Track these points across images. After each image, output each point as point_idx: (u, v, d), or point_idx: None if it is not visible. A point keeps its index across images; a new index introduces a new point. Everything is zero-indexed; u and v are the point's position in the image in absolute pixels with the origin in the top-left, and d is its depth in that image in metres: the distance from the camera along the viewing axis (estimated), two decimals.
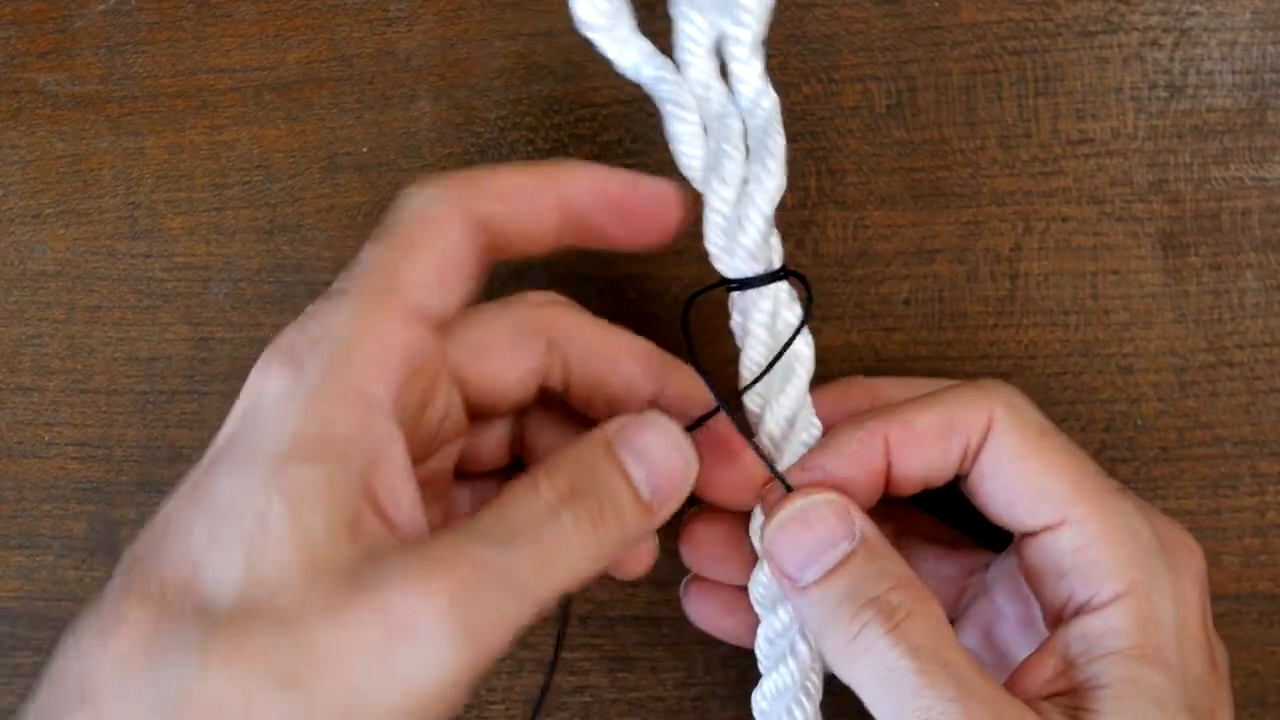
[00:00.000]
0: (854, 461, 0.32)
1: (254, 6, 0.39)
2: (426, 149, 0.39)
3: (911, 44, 0.38)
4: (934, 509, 0.37)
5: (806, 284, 0.33)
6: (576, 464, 0.29)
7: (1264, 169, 0.37)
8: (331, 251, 0.39)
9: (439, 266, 0.30)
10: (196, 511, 0.27)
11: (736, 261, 0.33)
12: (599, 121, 0.38)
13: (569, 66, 0.38)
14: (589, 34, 0.33)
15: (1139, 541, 0.31)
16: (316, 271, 0.39)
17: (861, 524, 0.31)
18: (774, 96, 0.33)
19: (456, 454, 0.33)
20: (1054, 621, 0.32)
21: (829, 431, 0.33)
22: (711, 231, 0.33)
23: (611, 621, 0.39)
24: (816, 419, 0.33)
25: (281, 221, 0.39)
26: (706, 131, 0.33)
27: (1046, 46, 0.37)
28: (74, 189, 0.40)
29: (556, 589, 0.28)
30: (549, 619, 0.31)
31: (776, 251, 0.33)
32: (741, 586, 0.34)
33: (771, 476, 0.32)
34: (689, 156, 0.33)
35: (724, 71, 0.33)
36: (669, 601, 0.38)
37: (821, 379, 0.34)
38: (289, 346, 0.28)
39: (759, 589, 0.33)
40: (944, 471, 0.32)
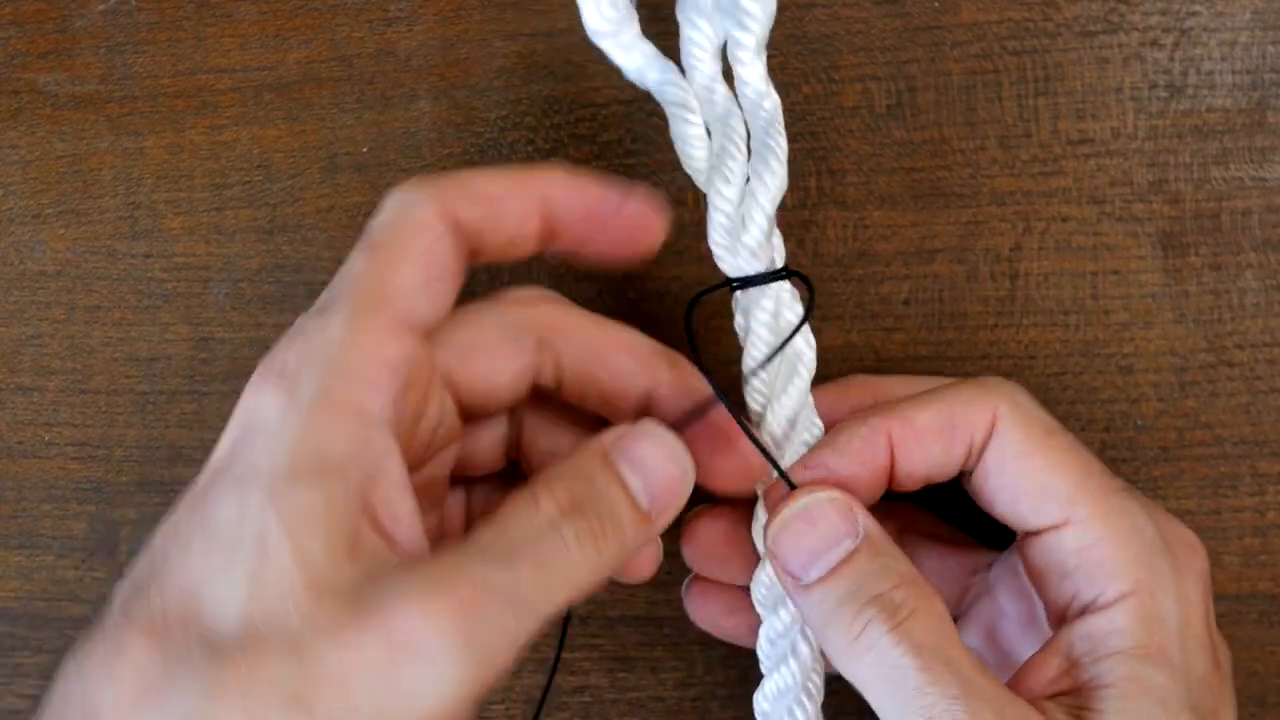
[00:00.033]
0: (857, 459, 0.32)
1: (254, 6, 0.39)
2: (426, 149, 0.39)
3: (911, 44, 0.38)
4: (937, 506, 0.37)
5: (809, 284, 0.33)
6: (575, 476, 0.29)
7: (1264, 169, 0.37)
8: (331, 251, 0.39)
9: (426, 274, 0.29)
10: (195, 535, 0.27)
11: (739, 260, 0.33)
12: (599, 121, 0.38)
13: (569, 66, 0.38)
14: (597, 41, 0.33)
15: (1143, 541, 0.31)
16: (316, 271, 0.39)
17: (865, 522, 0.31)
18: (776, 97, 0.33)
19: (452, 460, 0.33)
20: (1058, 621, 0.32)
21: (831, 428, 0.33)
22: (715, 231, 0.33)
23: (611, 621, 0.39)
24: (818, 418, 0.33)
25: (281, 221, 0.39)
26: (709, 132, 0.34)
27: (1046, 46, 0.38)
28: (74, 189, 0.40)
29: (559, 603, 0.28)
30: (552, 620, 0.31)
31: (779, 251, 0.33)
32: (743, 587, 0.34)
33: (772, 473, 0.32)
34: (693, 158, 0.34)
35: (726, 73, 0.34)
36: (669, 601, 0.38)
37: (822, 379, 0.34)
38: (282, 364, 0.28)
39: (761, 589, 0.33)
40: (947, 468, 0.32)
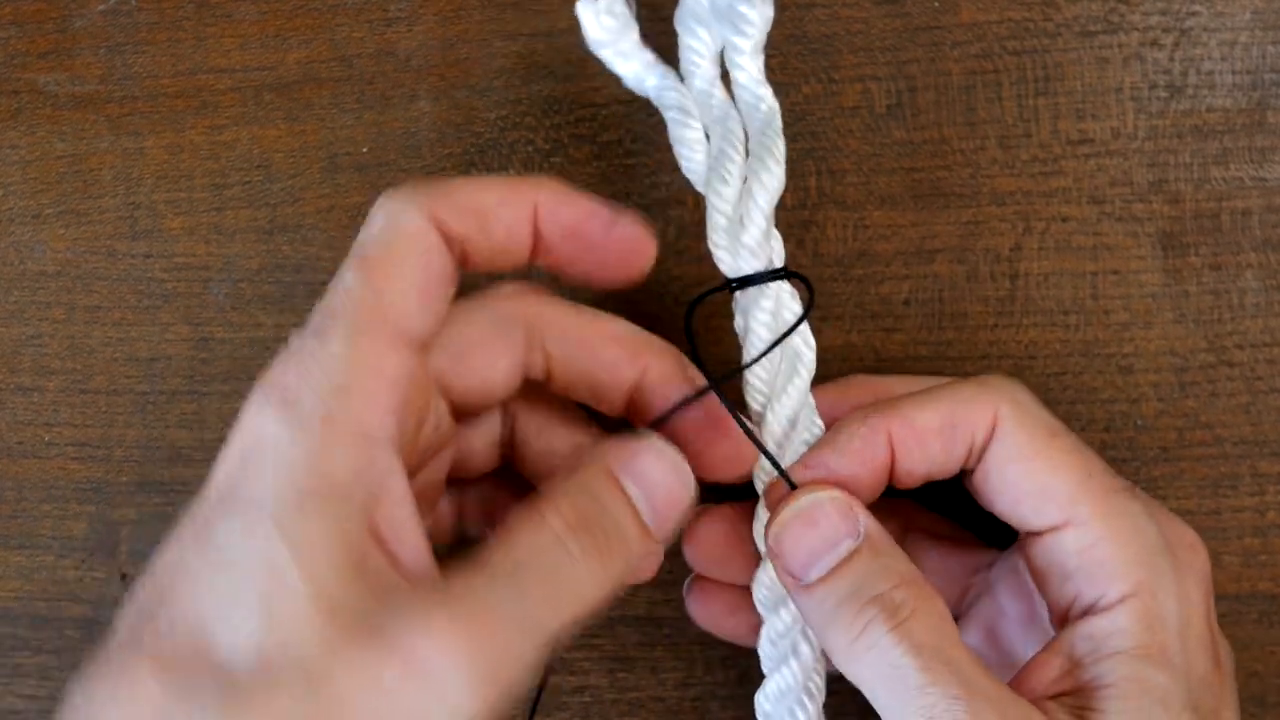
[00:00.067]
0: (857, 459, 0.32)
1: (254, 6, 0.39)
2: (426, 149, 0.39)
3: (911, 44, 0.38)
4: (938, 504, 0.37)
5: (809, 285, 0.33)
6: (580, 493, 0.29)
7: (1264, 169, 0.37)
8: (331, 251, 0.39)
9: (421, 288, 0.29)
10: (203, 563, 0.27)
11: (738, 261, 0.33)
12: (599, 121, 0.38)
13: (569, 66, 0.38)
14: (596, 50, 0.34)
15: (1144, 542, 0.31)
16: (316, 271, 0.39)
17: (865, 521, 0.31)
18: (773, 98, 0.33)
19: (448, 464, 0.33)
20: (1060, 621, 0.32)
21: (832, 426, 0.33)
22: (713, 231, 0.33)
23: (611, 621, 0.39)
24: (819, 419, 0.33)
25: (281, 221, 0.39)
26: (708, 134, 0.34)
27: (1046, 46, 0.38)
28: (74, 189, 0.40)
29: (568, 621, 0.28)
30: None
31: (777, 252, 0.33)
32: (744, 586, 0.34)
33: (770, 470, 0.32)
34: (692, 161, 0.34)
35: (724, 75, 0.34)
36: (669, 601, 0.38)
37: (822, 379, 0.34)
38: (282, 386, 0.27)
39: (762, 589, 0.33)
40: (947, 468, 0.32)
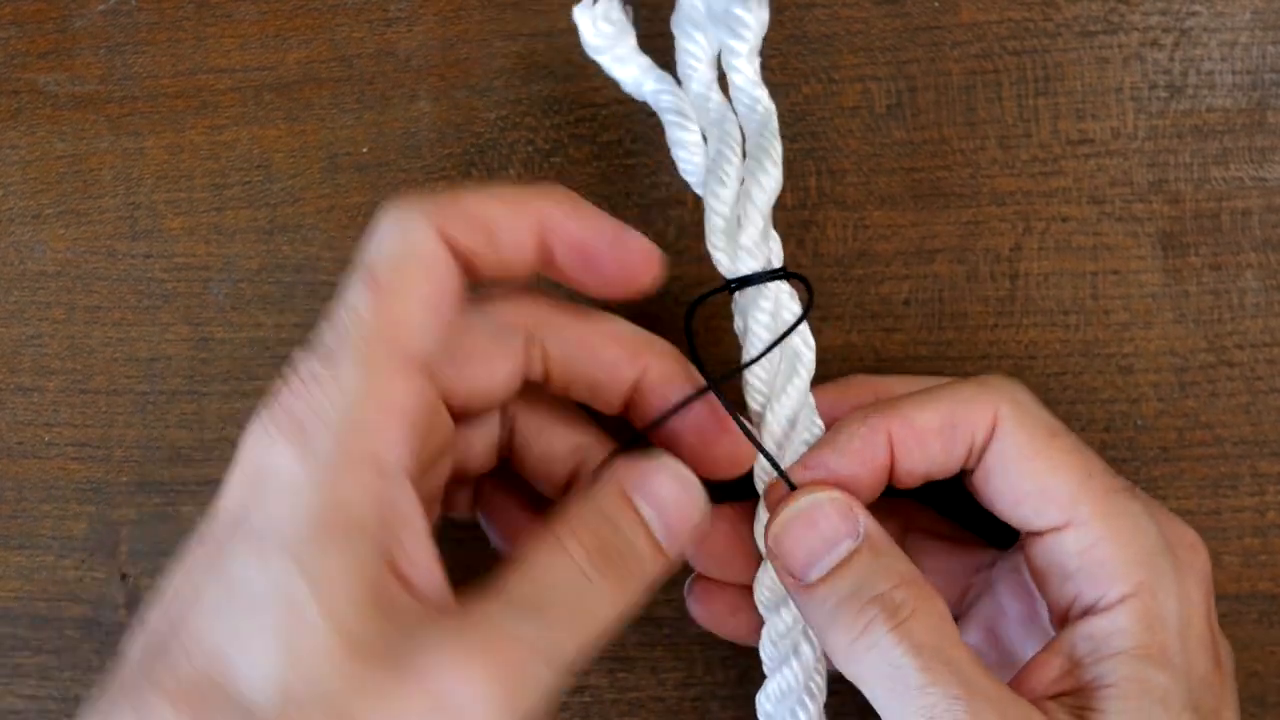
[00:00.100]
0: (857, 459, 0.32)
1: (254, 6, 0.39)
2: (426, 149, 0.39)
3: (911, 44, 0.38)
4: (939, 503, 0.37)
5: (809, 285, 0.33)
6: (598, 518, 0.29)
7: (1264, 169, 0.37)
8: (331, 251, 0.39)
9: (434, 311, 0.29)
10: (218, 596, 0.26)
11: (736, 262, 0.33)
12: (599, 121, 0.38)
13: (569, 66, 0.38)
14: (594, 55, 0.34)
15: (1144, 542, 0.31)
16: (316, 271, 0.39)
17: (865, 522, 0.31)
18: (769, 100, 0.34)
19: (448, 470, 0.33)
20: (1060, 621, 0.32)
21: (831, 426, 0.33)
22: (711, 233, 0.33)
23: None
24: (819, 419, 0.33)
25: (281, 221, 0.39)
26: (705, 137, 0.34)
27: (1046, 46, 0.38)
28: (74, 189, 0.40)
29: (587, 647, 0.28)
30: None
31: (776, 252, 0.34)
32: (746, 586, 0.34)
33: (770, 471, 0.32)
34: (689, 162, 0.34)
35: (721, 78, 0.34)
36: (669, 601, 0.38)
37: (822, 379, 0.34)
38: (293, 415, 0.27)
39: (763, 589, 0.33)
40: (947, 468, 0.32)
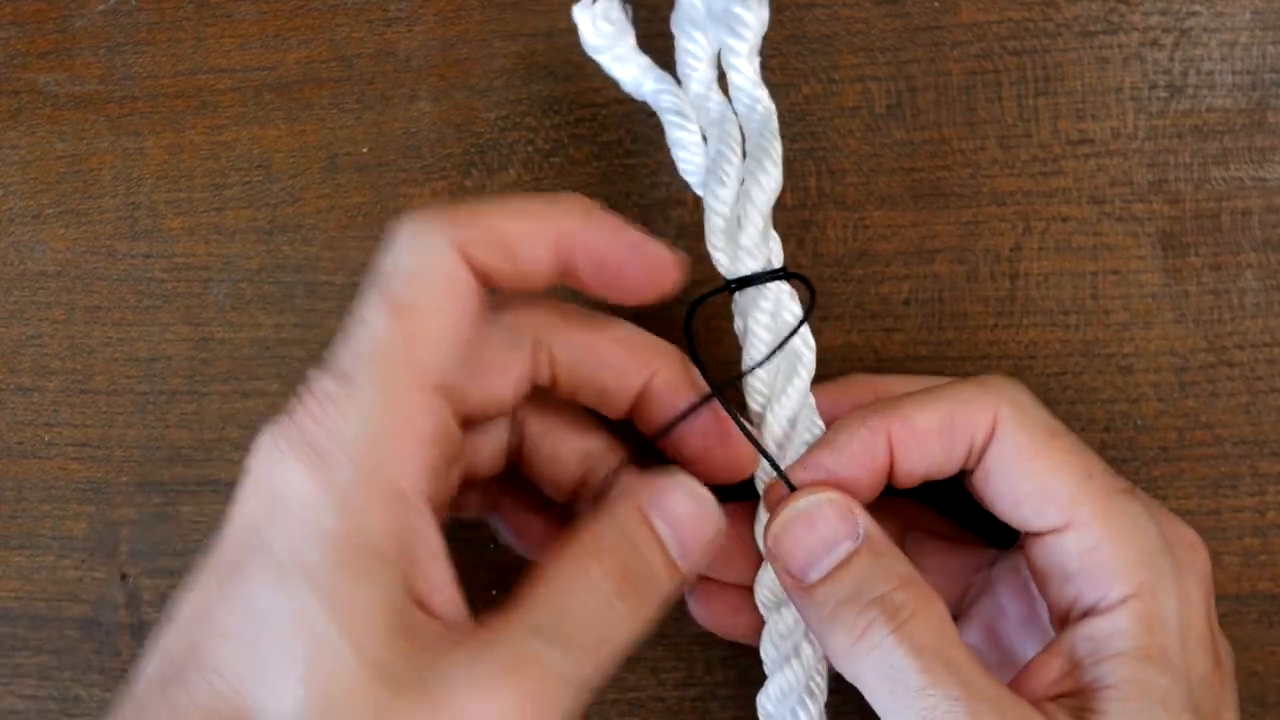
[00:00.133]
0: (856, 460, 0.32)
1: (254, 6, 0.39)
2: (426, 149, 0.39)
3: (911, 44, 0.38)
4: (938, 503, 0.37)
5: (810, 285, 0.33)
6: (619, 540, 0.29)
7: (1264, 169, 0.37)
8: (331, 251, 0.39)
9: (456, 334, 0.29)
10: (238, 622, 0.26)
11: (736, 262, 0.33)
12: (599, 121, 0.38)
13: (569, 66, 0.38)
14: (593, 55, 0.34)
15: (1144, 543, 0.31)
16: (316, 271, 0.39)
17: (864, 523, 0.31)
18: (769, 100, 0.34)
19: (458, 479, 0.33)
20: (1060, 622, 0.32)
21: (831, 425, 0.33)
22: (711, 233, 0.33)
23: None
24: (819, 419, 0.33)
25: (281, 221, 0.39)
26: (705, 137, 0.34)
27: (1046, 46, 0.38)
28: (74, 189, 0.40)
29: (608, 670, 0.28)
30: None
31: (776, 253, 0.34)
32: (747, 587, 0.34)
33: (770, 471, 0.32)
34: (689, 162, 0.34)
35: (721, 77, 0.34)
36: None
37: (822, 379, 0.34)
38: (311, 440, 0.27)
39: (764, 590, 0.33)
40: (947, 468, 0.32)
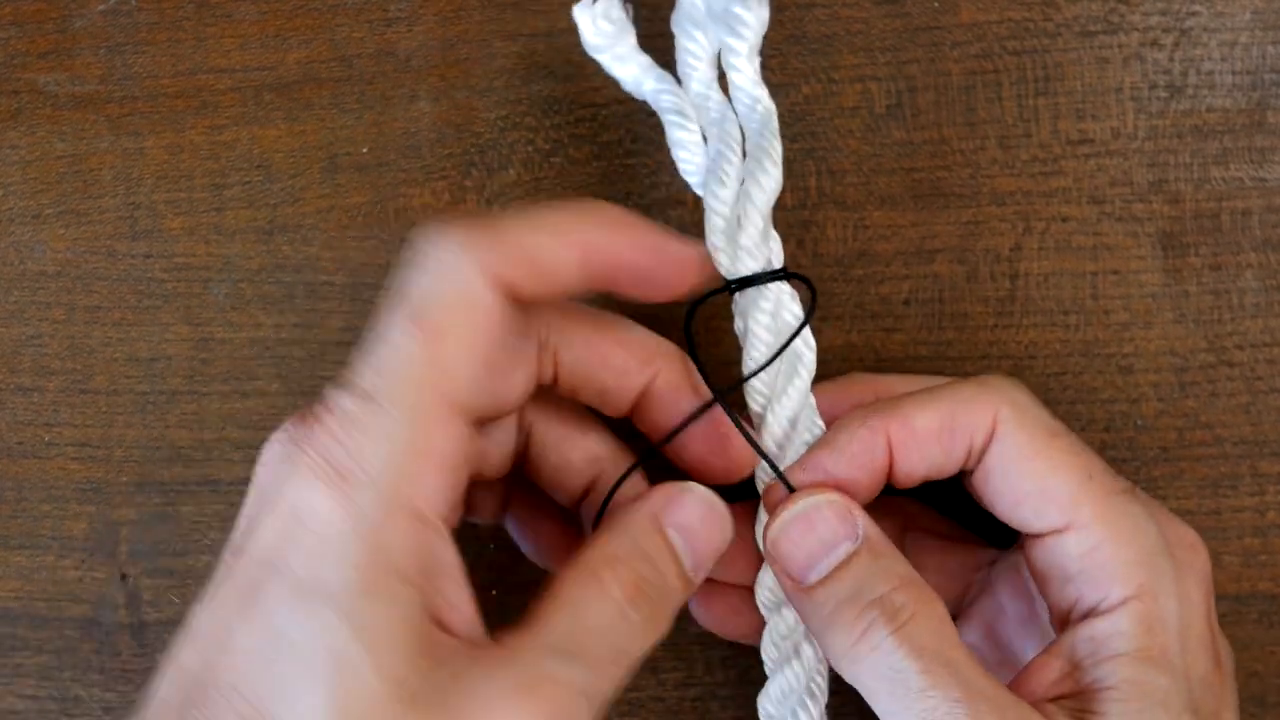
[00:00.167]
0: (855, 462, 0.32)
1: (254, 6, 0.39)
2: (426, 149, 0.39)
3: (911, 44, 0.38)
4: (938, 502, 0.37)
5: (811, 285, 0.33)
6: (636, 555, 0.30)
7: (1264, 169, 0.37)
8: (331, 251, 0.39)
9: (479, 355, 0.28)
10: (259, 642, 0.26)
11: (736, 262, 0.33)
12: (599, 121, 0.38)
13: (569, 66, 0.38)
14: (594, 54, 0.34)
15: (1145, 544, 0.31)
16: (316, 271, 0.39)
17: (864, 524, 0.31)
18: (769, 100, 0.34)
19: (465, 482, 0.33)
20: (1061, 623, 0.32)
21: (831, 426, 0.33)
22: (711, 233, 0.33)
23: None
24: (820, 419, 0.33)
25: (281, 221, 0.39)
26: (705, 137, 0.34)
27: (1046, 46, 0.38)
28: (74, 189, 0.40)
29: (623, 683, 0.29)
30: None
31: (776, 253, 0.33)
32: (748, 587, 0.34)
33: (769, 474, 0.32)
34: (689, 162, 0.34)
35: (720, 78, 0.34)
36: None
37: (822, 379, 0.34)
38: (334, 462, 0.27)
39: (764, 591, 0.33)
40: (946, 469, 0.32)
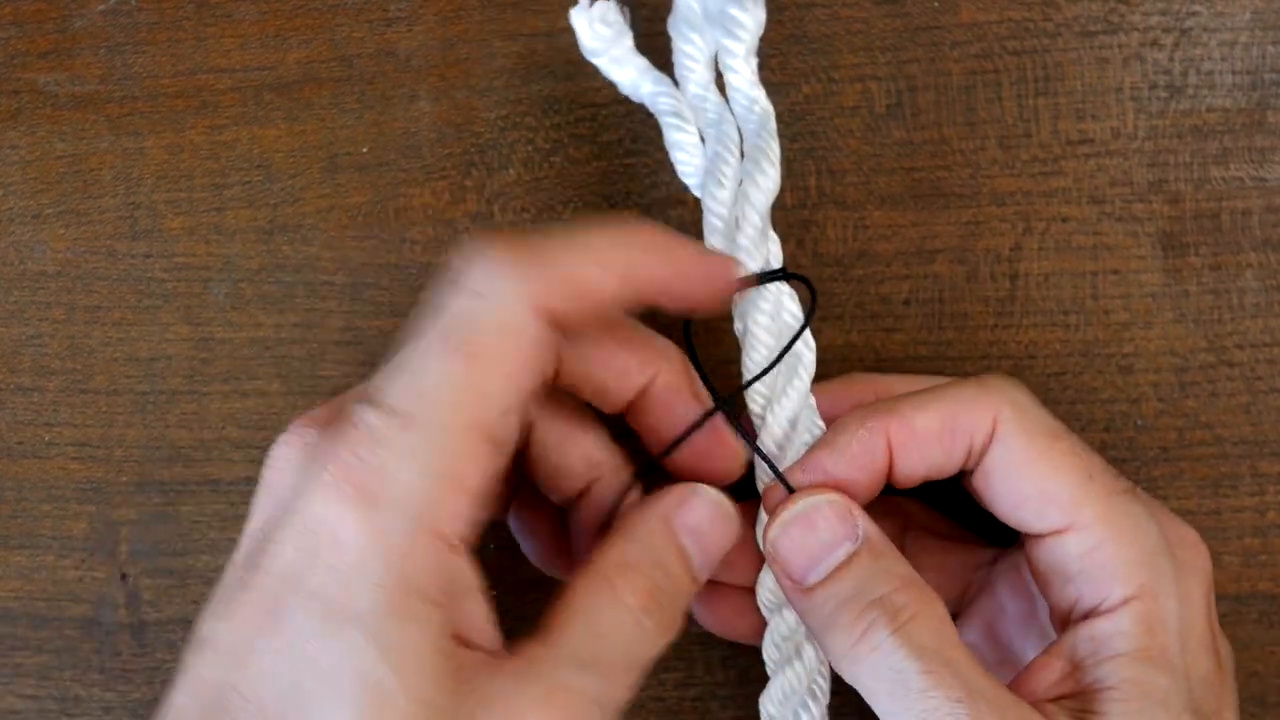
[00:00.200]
0: (855, 463, 0.32)
1: (254, 6, 0.39)
2: (426, 149, 0.39)
3: (911, 44, 0.38)
4: (938, 502, 0.37)
5: (811, 286, 0.33)
6: (650, 562, 0.30)
7: (1264, 169, 0.37)
8: (331, 251, 0.39)
9: (519, 387, 0.28)
10: (284, 661, 0.27)
11: None
12: (599, 121, 0.38)
13: (569, 66, 0.38)
14: (591, 58, 0.34)
15: (1146, 544, 0.31)
16: (316, 271, 0.39)
17: (864, 524, 0.31)
18: (766, 101, 0.34)
19: (486, 503, 0.33)
20: (1061, 623, 0.32)
21: (831, 425, 0.33)
22: (710, 234, 0.33)
23: None
24: (820, 419, 0.33)
25: (281, 221, 0.39)
26: (703, 138, 0.34)
27: (1046, 46, 0.38)
28: (74, 189, 0.40)
29: (636, 687, 0.30)
30: None
31: (775, 254, 0.33)
32: (748, 588, 0.34)
33: (769, 475, 0.32)
34: (687, 164, 0.34)
35: (718, 79, 0.34)
36: None
37: (821, 379, 0.34)
38: (359, 481, 0.27)
39: (765, 592, 0.33)
40: (946, 469, 0.32)
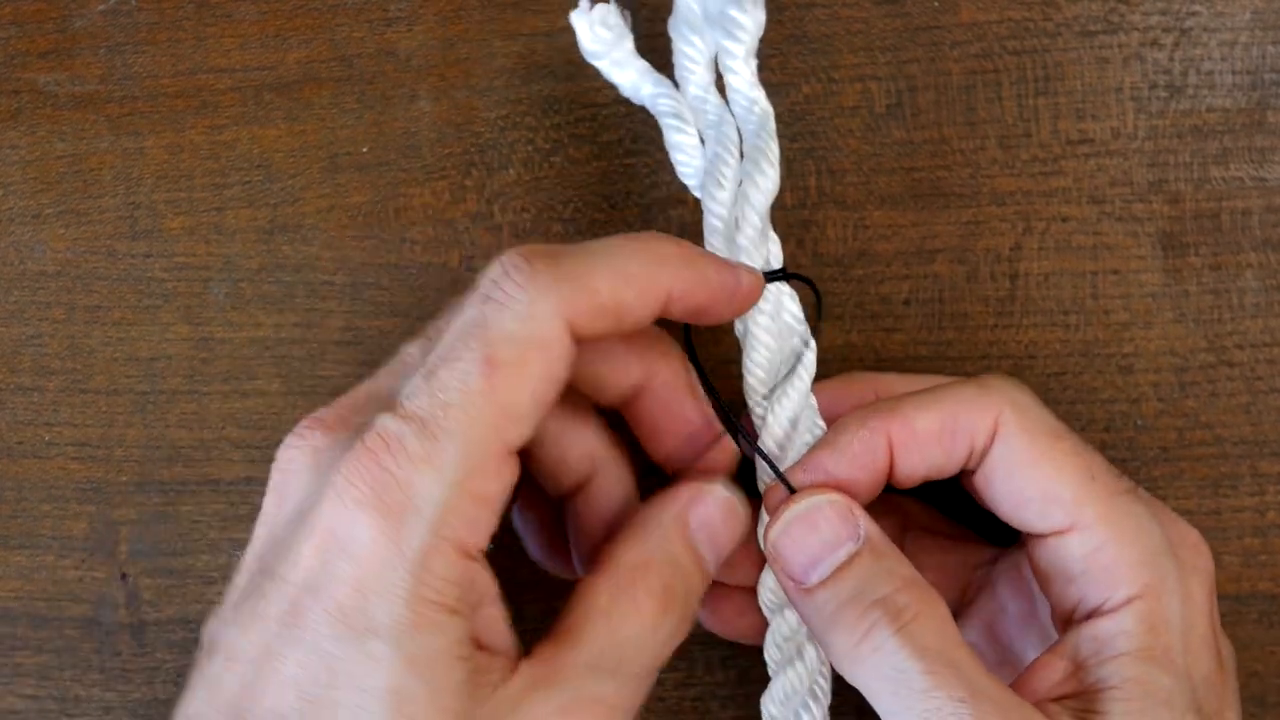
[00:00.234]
0: (856, 463, 0.32)
1: (254, 6, 0.39)
2: (426, 149, 0.39)
3: (911, 44, 0.38)
4: (938, 501, 0.37)
5: (814, 287, 0.33)
6: (666, 563, 0.31)
7: (1264, 169, 0.37)
8: (331, 251, 0.39)
9: (543, 402, 0.29)
10: (307, 672, 0.27)
11: None
12: (599, 121, 0.38)
13: (569, 66, 0.38)
14: (591, 60, 0.34)
15: (1148, 544, 0.31)
16: (316, 271, 0.39)
17: (865, 524, 0.31)
18: (766, 102, 0.34)
19: (502, 513, 0.33)
20: (1063, 623, 0.32)
21: (832, 425, 0.33)
22: (710, 235, 0.33)
23: None
24: (820, 419, 0.33)
25: (281, 221, 0.39)
26: (703, 139, 0.34)
27: (1046, 46, 0.38)
28: (74, 189, 0.40)
29: (651, 687, 0.30)
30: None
31: (775, 254, 0.33)
32: (750, 588, 0.34)
33: (770, 475, 0.32)
34: (687, 165, 0.34)
35: (718, 80, 0.34)
36: None
37: (821, 379, 0.34)
38: (381, 491, 0.27)
39: (767, 592, 0.33)
40: (947, 470, 0.32)
